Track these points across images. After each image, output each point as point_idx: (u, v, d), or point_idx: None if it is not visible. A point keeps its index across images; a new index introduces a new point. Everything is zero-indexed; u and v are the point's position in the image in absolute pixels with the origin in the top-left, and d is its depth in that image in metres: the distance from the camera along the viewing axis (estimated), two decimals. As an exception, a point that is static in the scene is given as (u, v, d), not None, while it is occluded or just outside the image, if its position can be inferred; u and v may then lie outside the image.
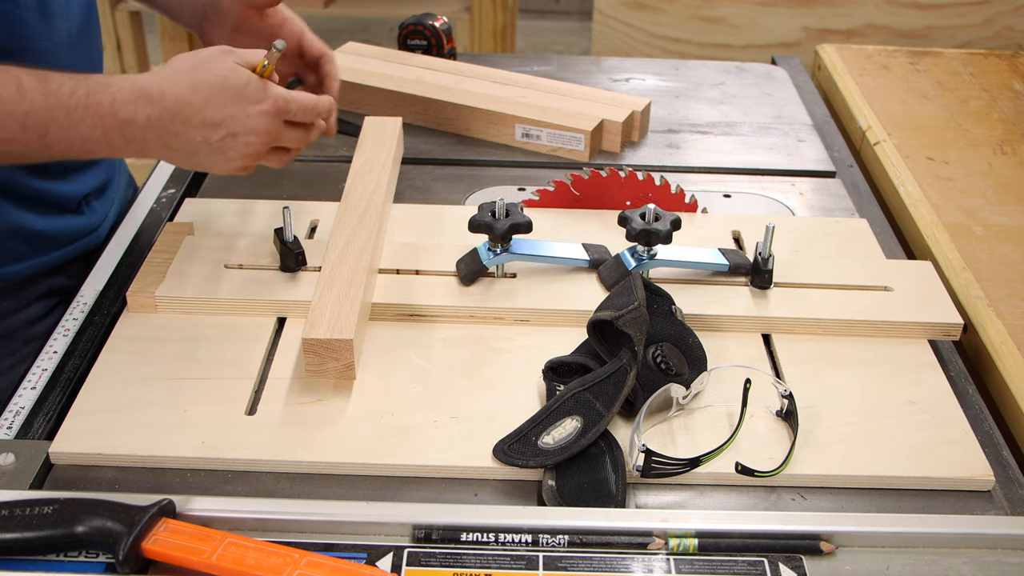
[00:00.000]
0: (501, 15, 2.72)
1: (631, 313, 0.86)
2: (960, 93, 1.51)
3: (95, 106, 0.83)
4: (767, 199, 1.23)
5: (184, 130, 0.86)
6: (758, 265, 1.00)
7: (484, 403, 0.88)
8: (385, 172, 1.10)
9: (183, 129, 0.86)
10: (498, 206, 0.99)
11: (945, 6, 2.27)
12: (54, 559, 0.73)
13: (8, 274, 1.07)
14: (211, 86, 0.87)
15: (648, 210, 0.99)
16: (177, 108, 0.86)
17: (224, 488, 0.80)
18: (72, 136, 0.83)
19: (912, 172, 1.28)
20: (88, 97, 0.83)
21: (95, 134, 0.84)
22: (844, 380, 0.92)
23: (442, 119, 1.34)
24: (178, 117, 0.86)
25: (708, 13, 2.31)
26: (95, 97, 0.83)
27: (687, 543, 0.74)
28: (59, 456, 0.82)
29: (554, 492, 0.78)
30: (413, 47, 1.48)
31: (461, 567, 0.72)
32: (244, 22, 1.11)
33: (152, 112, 0.85)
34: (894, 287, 1.02)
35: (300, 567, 0.69)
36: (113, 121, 0.83)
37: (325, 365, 0.88)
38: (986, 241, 1.15)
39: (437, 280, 1.01)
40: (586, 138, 1.27)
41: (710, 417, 0.87)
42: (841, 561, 0.75)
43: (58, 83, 0.83)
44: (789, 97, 1.49)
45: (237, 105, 0.88)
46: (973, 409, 0.91)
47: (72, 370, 0.93)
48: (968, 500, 0.82)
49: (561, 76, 1.47)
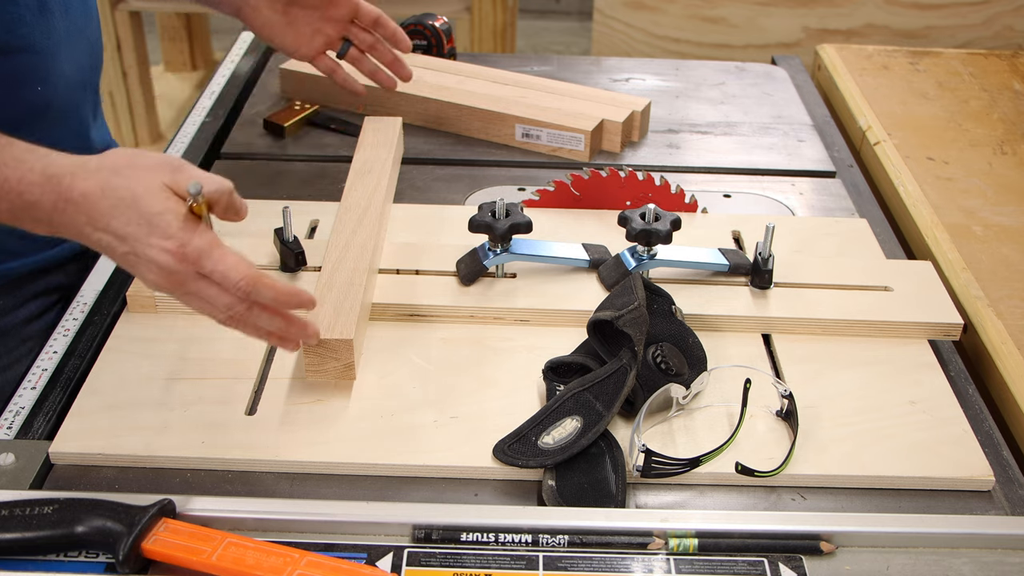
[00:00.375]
0: (501, 15, 2.71)
1: (631, 313, 0.86)
2: (960, 93, 1.51)
3: (2, 180, 0.76)
4: (767, 199, 1.23)
5: (90, 231, 0.77)
6: (758, 265, 1.00)
7: (484, 403, 0.88)
8: (385, 172, 1.10)
9: (88, 229, 0.77)
10: (498, 206, 0.99)
11: (945, 6, 2.27)
12: (54, 559, 0.73)
13: (5, 271, 1.07)
14: (121, 198, 0.76)
15: (648, 210, 0.99)
16: (84, 205, 0.76)
17: (224, 488, 0.80)
18: None
19: (912, 172, 1.28)
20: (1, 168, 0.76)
21: (2, 207, 0.77)
22: (844, 380, 0.92)
23: (442, 119, 1.34)
24: (83, 214, 0.76)
25: (708, 13, 2.31)
26: (3, 171, 0.76)
27: (687, 543, 0.74)
28: (59, 456, 0.82)
29: (554, 492, 0.78)
30: (413, 47, 1.48)
31: (461, 567, 0.72)
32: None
33: (58, 201, 0.76)
34: (894, 287, 1.02)
35: (300, 567, 0.69)
36: (19, 200, 0.76)
37: (325, 365, 0.88)
38: (986, 241, 1.15)
39: (437, 280, 1.01)
40: (586, 138, 1.26)
41: (710, 417, 0.87)
42: (841, 561, 0.75)
43: None
44: (789, 97, 1.49)
45: (141, 228, 0.75)
46: (973, 409, 0.91)
47: (72, 370, 0.93)
48: (968, 500, 0.82)
49: (561, 76, 1.47)
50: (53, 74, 1.02)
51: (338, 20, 1.19)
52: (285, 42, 1.18)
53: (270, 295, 0.78)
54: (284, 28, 1.17)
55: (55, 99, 1.04)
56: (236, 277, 0.76)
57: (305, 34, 1.18)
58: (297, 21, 1.17)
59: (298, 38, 1.18)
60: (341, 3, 1.17)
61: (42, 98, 1.02)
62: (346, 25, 1.20)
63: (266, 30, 1.17)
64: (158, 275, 0.77)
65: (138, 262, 0.77)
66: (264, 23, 1.16)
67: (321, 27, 1.18)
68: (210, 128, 1.35)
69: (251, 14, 1.15)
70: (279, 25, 1.16)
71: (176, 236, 0.75)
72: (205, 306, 0.79)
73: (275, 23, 1.16)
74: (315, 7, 1.17)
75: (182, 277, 0.77)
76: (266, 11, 1.15)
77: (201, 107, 1.41)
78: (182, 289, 0.78)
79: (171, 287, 0.78)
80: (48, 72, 1.01)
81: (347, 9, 1.18)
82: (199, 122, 1.36)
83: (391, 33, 1.21)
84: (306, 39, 1.19)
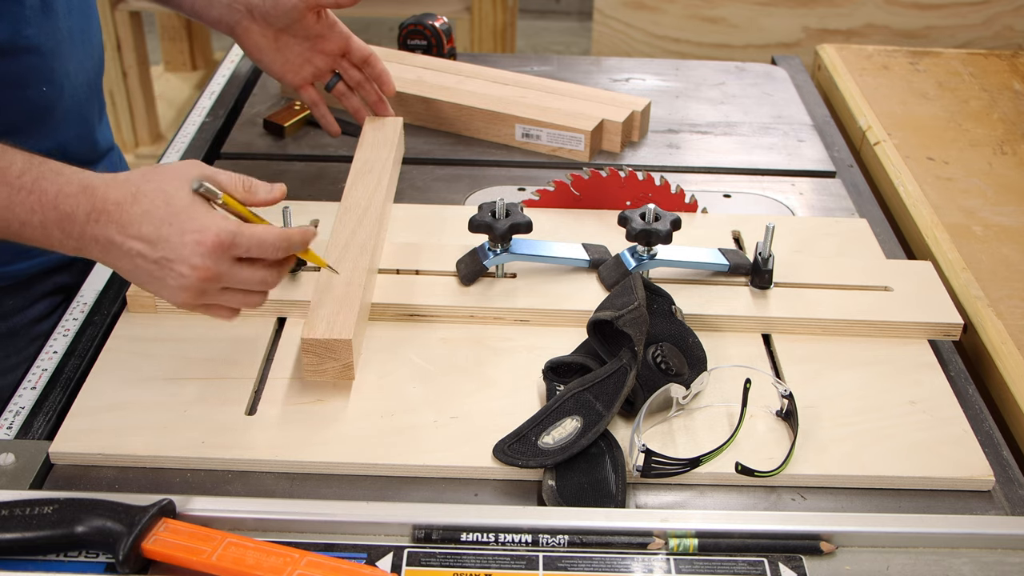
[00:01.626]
0: (501, 15, 2.71)
1: (631, 313, 0.86)
2: (960, 93, 1.51)
3: (39, 192, 0.77)
4: (767, 199, 1.23)
5: (120, 239, 0.78)
6: (758, 265, 1.00)
7: (484, 403, 0.88)
8: (385, 172, 1.10)
9: (119, 237, 0.78)
10: (498, 206, 0.99)
11: (945, 6, 2.26)
12: (54, 559, 0.73)
13: (14, 272, 1.07)
14: (152, 202, 0.78)
15: (648, 210, 0.99)
16: (116, 213, 0.78)
17: (224, 488, 0.80)
18: (10, 217, 0.78)
19: (912, 172, 1.28)
20: (35, 182, 0.78)
21: (33, 220, 0.78)
22: (844, 380, 0.92)
23: (442, 119, 1.34)
24: (114, 222, 0.78)
25: (708, 13, 2.31)
26: (41, 184, 0.78)
27: (687, 543, 0.74)
28: (59, 456, 0.82)
29: (554, 492, 0.78)
30: (413, 47, 1.48)
31: (461, 567, 0.72)
32: (298, 22, 1.13)
33: (92, 212, 0.78)
34: (894, 287, 1.02)
35: (300, 567, 0.69)
36: (54, 212, 0.78)
37: (324, 365, 0.88)
38: (986, 241, 1.15)
39: (437, 280, 1.01)
40: (586, 138, 1.27)
41: (710, 417, 0.87)
42: (841, 561, 0.75)
43: (10, 160, 0.78)
44: (789, 97, 1.49)
45: (174, 228, 0.78)
46: (973, 409, 0.91)
47: (72, 370, 0.93)
48: (968, 500, 0.82)
49: (561, 76, 1.47)
50: (58, 74, 1.02)
51: (328, 53, 1.19)
52: (274, 68, 1.18)
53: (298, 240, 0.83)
54: (274, 54, 1.17)
55: (60, 100, 1.04)
56: (271, 238, 0.81)
57: (294, 63, 1.18)
58: (287, 49, 1.17)
59: (286, 65, 1.18)
60: (333, 37, 1.17)
61: (47, 99, 1.02)
62: (336, 59, 1.19)
63: (256, 53, 1.17)
64: (192, 275, 0.78)
65: (170, 270, 0.78)
66: (254, 46, 1.16)
67: (311, 58, 1.18)
68: (210, 128, 1.35)
69: (243, 35, 1.15)
70: (269, 51, 1.16)
71: (208, 226, 0.78)
72: (237, 297, 0.82)
73: (265, 48, 1.16)
74: (306, 38, 1.16)
75: (219, 270, 0.79)
76: (257, 36, 1.15)
77: (201, 107, 1.41)
78: (217, 283, 0.80)
79: (207, 283, 0.79)
80: (52, 73, 1.02)
81: (338, 44, 1.18)
82: (199, 122, 1.36)
83: (378, 74, 1.20)
84: (294, 67, 1.18)
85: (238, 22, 1.14)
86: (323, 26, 1.16)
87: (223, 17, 1.15)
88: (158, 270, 0.79)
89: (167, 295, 0.81)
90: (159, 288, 0.80)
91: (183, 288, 0.79)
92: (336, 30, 1.17)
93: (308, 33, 1.16)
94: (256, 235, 0.80)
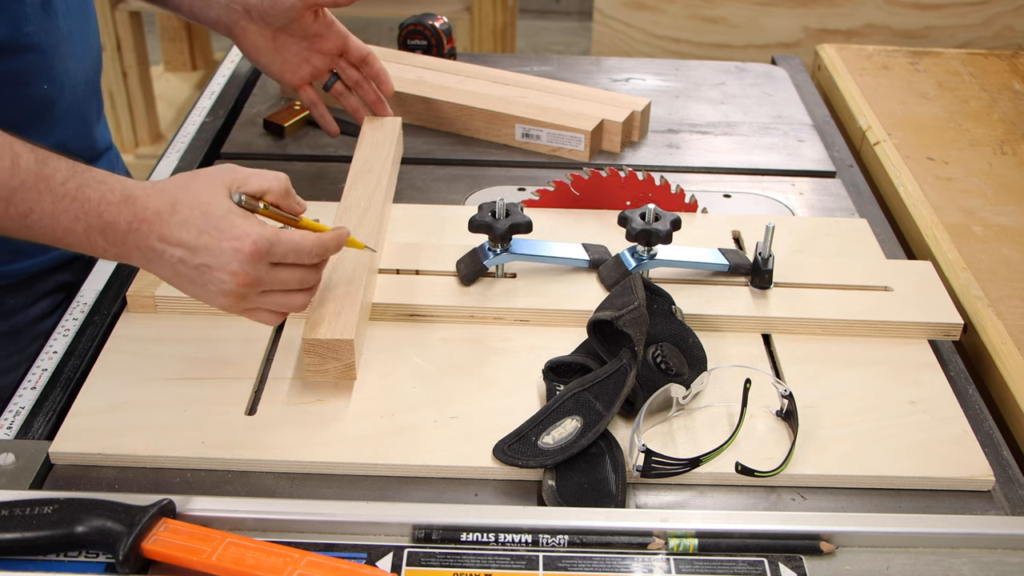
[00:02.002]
0: (501, 15, 2.71)
1: (631, 313, 0.86)
2: (960, 93, 1.51)
3: (83, 200, 0.78)
4: (767, 199, 1.23)
5: (161, 246, 0.80)
6: (758, 265, 1.00)
7: (484, 403, 0.88)
8: (385, 172, 1.10)
9: (160, 245, 0.80)
10: (498, 206, 0.99)
11: (945, 6, 2.26)
12: (54, 559, 0.73)
13: (16, 271, 1.07)
14: (190, 208, 0.80)
15: (648, 210, 0.99)
16: (156, 222, 0.80)
17: (224, 488, 0.80)
18: (54, 224, 0.79)
19: (912, 172, 1.28)
20: (79, 190, 0.79)
21: (77, 228, 0.79)
22: (844, 380, 0.92)
23: (442, 119, 1.34)
24: (155, 231, 0.80)
25: (708, 13, 2.31)
26: (85, 191, 0.79)
27: (687, 543, 0.74)
28: (59, 456, 0.82)
29: (554, 492, 0.78)
30: (413, 47, 1.48)
31: (461, 567, 0.72)
32: (296, 22, 1.14)
33: (133, 221, 0.79)
34: (894, 287, 1.02)
35: (300, 567, 0.69)
36: (97, 220, 0.79)
37: (326, 365, 0.88)
38: (986, 241, 1.15)
39: (437, 280, 1.01)
40: (586, 138, 1.27)
41: (710, 417, 0.87)
42: (841, 561, 0.75)
43: (54, 168, 0.79)
44: (789, 97, 1.49)
45: (212, 236, 0.80)
46: (973, 409, 0.91)
47: (72, 370, 0.93)
48: (968, 500, 0.82)
49: (561, 76, 1.47)
50: (57, 73, 1.03)
51: (326, 53, 1.19)
52: (272, 68, 1.19)
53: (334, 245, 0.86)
54: (272, 54, 1.17)
55: (60, 98, 1.04)
56: (308, 245, 0.83)
57: (292, 62, 1.18)
58: (285, 49, 1.17)
59: (284, 65, 1.18)
60: (330, 37, 1.17)
61: (47, 97, 1.03)
62: (334, 58, 1.20)
63: (254, 53, 1.17)
64: (232, 281, 0.80)
65: (211, 275, 0.80)
66: (252, 46, 1.16)
67: (309, 57, 1.18)
68: (210, 128, 1.35)
69: (240, 36, 1.15)
70: (267, 51, 1.17)
71: (247, 235, 0.80)
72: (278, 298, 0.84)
73: (263, 48, 1.16)
74: (304, 37, 1.17)
75: (257, 274, 0.81)
76: (254, 36, 1.15)
77: (201, 107, 1.41)
78: (257, 287, 0.82)
79: (247, 288, 0.81)
80: (52, 71, 1.02)
81: (336, 43, 1.18)
82: (199, 122, 1.36)
83: (376, 73, 1.21)
84: (292, 67, 1.18)
85: (236, 22, 1.14)
86: (321, 25, 1.16)
87: (221, 18, 1.15)
88: (199, 276, 0.81)
89: (209, 300, 0.83)
90: (202, 293, 0.82)
91: (224, 293, 0.81)
92: (334, 29, 1.17)
93: (306, 32, 1.16)
94: (293, 241, 0.82)
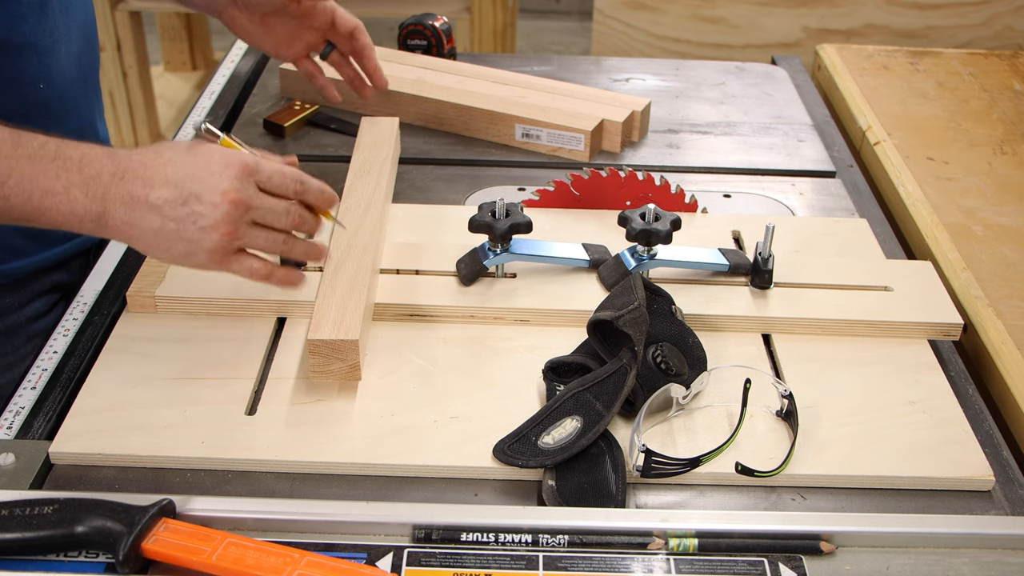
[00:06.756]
0: (501, 15, 2.71)
1: (631, 313, 0.86)
2: (960, 93, 1.51)
3: (63, 159, 0.79)
4: (767, 199, 1.23)
5: (144, 191, 0.80)
6: (758, 265, 1.00)
7: (484, 403, 0.88)
8: (384, 172, 1.10)
9: (143, 190, 0.80)
10: (498, 206, 0.99)
11: (945, 6, 2.27)
12: (54, 559, 0.73)
13: (11, 270, 1.07)
14: (174, 151, 0.82)
15: (648, 210, 0.99)
16: (140, 170, 0.80)
17: (224, 488, 0.80)
18: (33, 188, 0.79)
19: (912, 172, 1.28)
20: (58, 150, 0.80)
21: (57, 186, 0.79)
22: (844, 380, 0.92)
23: (442, 119, 1.34)
24: (139, 178, 0.80)
25: (708, 13, 2.31)
26: (64, 150, 0.80)
27: (687, 543, 0.74)
28: (59, 456, 0.82)
29: (554, 492, 0.78)
30: (413, 47, 1.48)
31: (461, 567, 0.72)
32: (286, 7, 1.15)
33: (116, 169, 0.80)
34: (894, 287, 1.02)
35: (300, 567, 0.69)
36: (78, 175, 0.79)
37: (331, 366, 0.88)
38: (986, 241, 1.15)
39: (437, 280, 1.01)
40: (586, 138, 1.26)
41: (710, 417, 0.87)
42: (841, 561, 0.75)
43: (30, 137, 0.80)
44: (789, 97, 1.49)
45: (199, 165, 0.81)
46: (973, 409, 0.91)
47: (72, 370, 0.93)
48: (968, 500, 0.82)
49: (561, 76, 1.47)
50: (54, 72, 1.03)
51: (318, 28, 1.20)
52: (265, 47, 1.21)
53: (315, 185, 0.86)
54: (263, 36, 1.19)
55: (57, 97, 1.04)
56: (289, 170, 0.84)
57: (285, 40, 1.20)
58: (275, 29, 1.19)
59: (278, 44, 1.20)
60: (318, 13, 1.18)
61: (44, 96, 1.03)
62: (326, 32, 1.21)
63: (245, 36, 1.20)
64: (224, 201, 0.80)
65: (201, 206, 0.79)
66: (242, 30, 1.18)
67: (300, 34, 1.20)
68: (210, 128, 1.35)
69: (229, 22, 1.18)
70: (258, 34, 1.19)
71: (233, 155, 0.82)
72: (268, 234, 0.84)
73: (254, 32, 1.18)
74: (292, 17, 1.18)
75: (249, 195, 0.81)
76: (243, 21, 1.17)
77: (201, 107, 1.41)
78: (247, 212, 0.81)
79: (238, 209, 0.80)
80: (49, 70, 1.02)
81: (324, 19, 1.19)
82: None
83: (360, 48, 1.21)
84: (285, 44, 1.20)
85: (223, 10, 1.17)
86: (306, 6, 1.17)
87: (209, 6, 1.18)
88: (186, 217, 0.80)
89: (196, 251, 0.81)
90: (187, 246, 0.81)
91: (214, 226, 0.80)
92: (321, 5, 1.18)
93: (293, 13, 1.17)
94: (274, 165, 0.84)
